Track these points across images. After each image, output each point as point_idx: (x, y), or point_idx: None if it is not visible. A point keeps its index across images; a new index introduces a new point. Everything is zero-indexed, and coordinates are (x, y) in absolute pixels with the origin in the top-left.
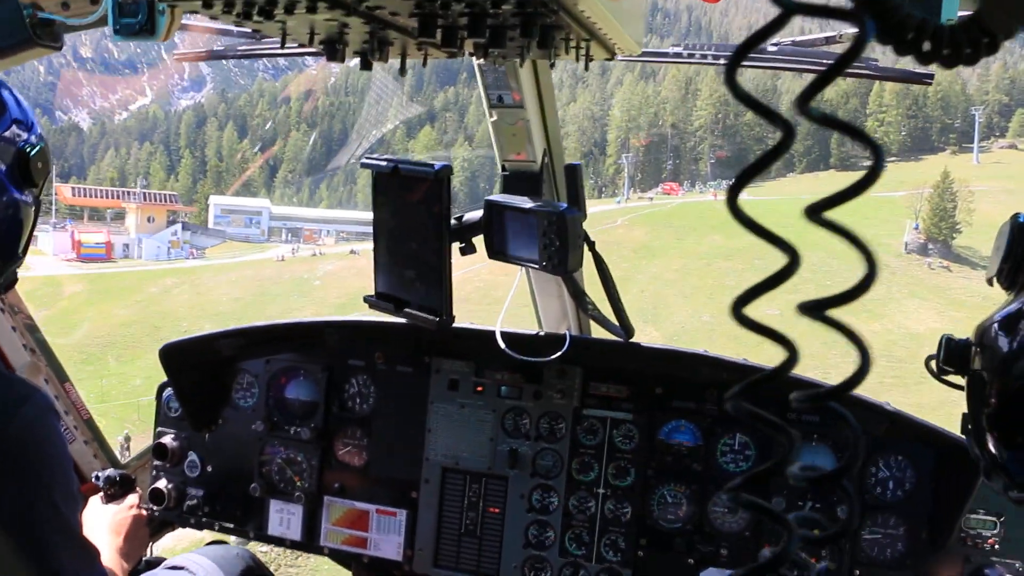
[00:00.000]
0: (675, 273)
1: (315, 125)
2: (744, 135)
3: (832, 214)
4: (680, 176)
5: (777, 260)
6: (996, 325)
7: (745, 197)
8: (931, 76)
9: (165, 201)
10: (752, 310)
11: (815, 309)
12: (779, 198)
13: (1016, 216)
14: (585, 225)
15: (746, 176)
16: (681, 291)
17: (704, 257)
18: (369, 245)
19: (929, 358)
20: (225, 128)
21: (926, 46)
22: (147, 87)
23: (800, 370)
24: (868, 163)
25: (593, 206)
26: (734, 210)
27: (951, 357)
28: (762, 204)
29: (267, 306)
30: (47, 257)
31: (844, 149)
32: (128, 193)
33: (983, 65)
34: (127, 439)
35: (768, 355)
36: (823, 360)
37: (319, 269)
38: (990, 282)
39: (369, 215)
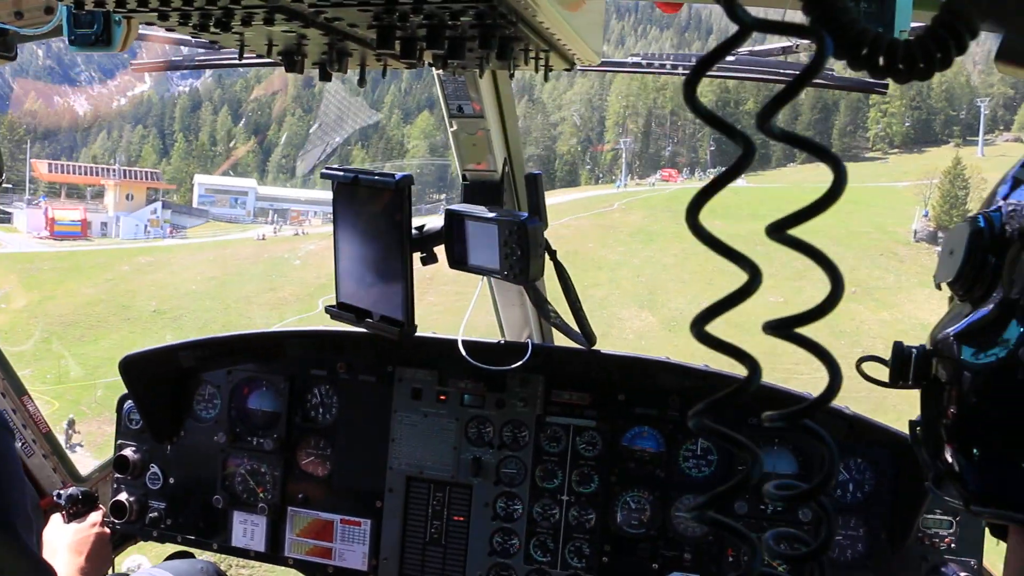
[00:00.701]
0: (673, 258)
1: (311, 111)
2: (745, 123)
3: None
4: (679, 163)
5: (775, 248)
6: (956, 336)
7: (742, 184)
8: (885, 86)
9: (145, 178)
10: (756, 297)
11: (780, 328)
12: (782, 185)
13: (975, 219)
14: (581, 209)
15: (706, 194)
16: (679, 276)
17: (702, 245)
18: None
19: (862, 360)
20: (219, 112)
21: (880, 61)
22: (146, 74)
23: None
24: (870, 156)
25: (590, 191)
26: (694, 227)
27: (917, 368)
28: (762, 191)
29: (242, 286)
30: (21, 235)
31: (846, 140)
32: (107, 170)
33: (986, 58)
34: (71, 423)
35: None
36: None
37: (300, 249)
38: (939, 286)
39: None
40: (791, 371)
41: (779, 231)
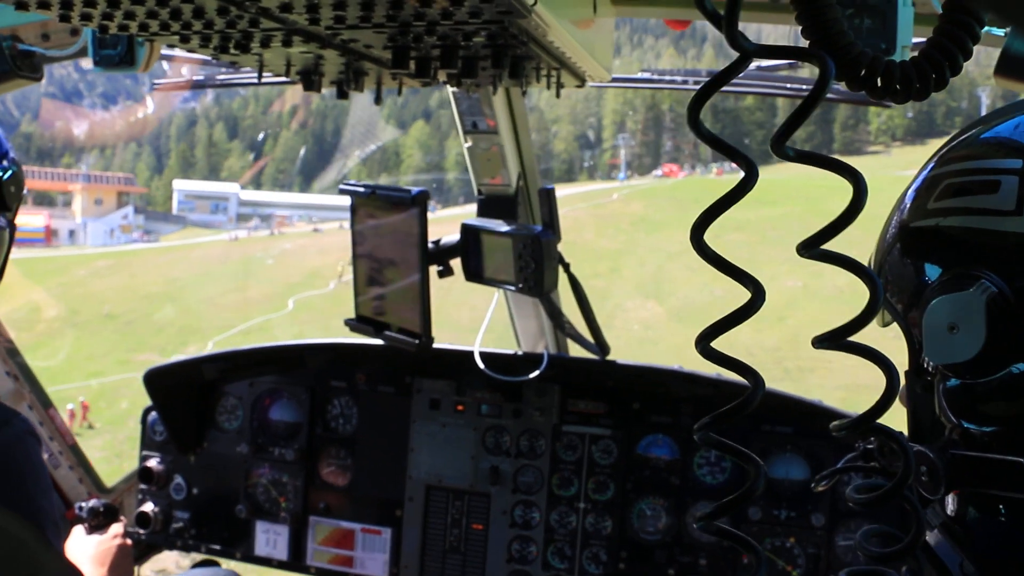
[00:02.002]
0: (679, 245)
1: (307, 125)
2: (745, 120)
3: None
4: (680, 159)
5: (788, 233)
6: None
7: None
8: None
9: (117, 183)
10: (775, 282)
11: (831, 340)
12: (786, 176)
13: (981, 283)
14: (579, 201)
15: (711, 214)
16: (687, 264)
17: (712, 229)
18: (335, 224)
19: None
20: (214, 127)
21: (878, 82)
22: (149, 99)
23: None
24: (873, 150)
25: (589, 185)
26: (699, 246)
27: (956, 476)
28: (768, 181)
29: (206, 287)
30: None
31: (847, 134)
32: (74, 175)
33: (985, 50)
34: None
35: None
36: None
37: (275, 248)
38: (926, 367)
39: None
40: (818, 358)
41: (810, 248)
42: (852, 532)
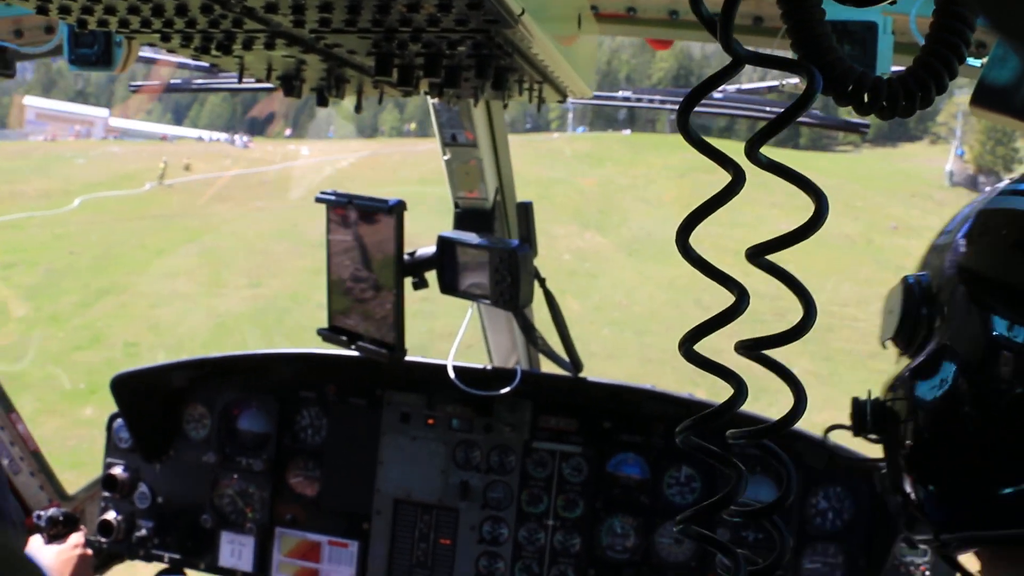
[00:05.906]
0: (632, 179)
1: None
2: (711, 98)
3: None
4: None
5: (775, 178)
6: (903, 381)
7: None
8: (867, 125)
9: None
10: (765, 223)
11: (752, 348)
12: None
13: (905, 278)
14: (523, 140)
15: (696, 218)
16: (642, 196)
17: (676, 168)
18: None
19: (829, 429)
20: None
21: (865, 98)
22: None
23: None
24: (841, 149)
25: (533, 135)
26: (684, 249)
27: (874, 417)
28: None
29: None
30: None
31: (816, 129)
32: None
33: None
34: None
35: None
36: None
37: (96, 151)
38: (884, 345)
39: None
40: (834, 315)
41: (759, 256)
42: (819, 555)
